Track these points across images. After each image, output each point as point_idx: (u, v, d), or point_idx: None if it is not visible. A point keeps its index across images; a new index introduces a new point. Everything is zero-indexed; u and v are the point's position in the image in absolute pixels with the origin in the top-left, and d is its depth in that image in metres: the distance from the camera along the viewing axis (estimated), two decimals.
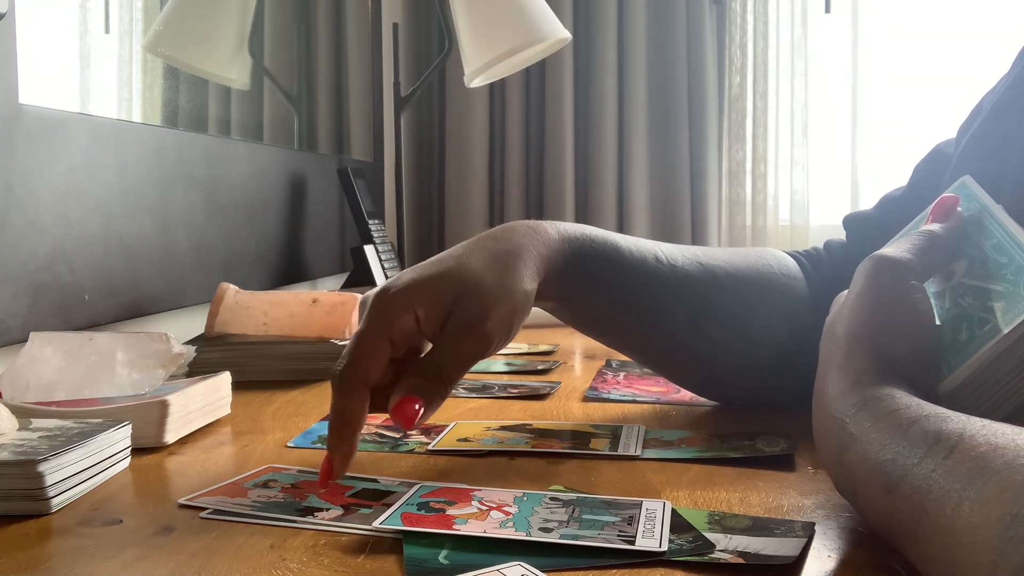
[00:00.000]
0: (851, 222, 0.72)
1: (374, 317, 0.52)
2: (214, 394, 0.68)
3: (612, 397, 0.73)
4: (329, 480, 0.50)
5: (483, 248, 0.57)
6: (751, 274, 0.67)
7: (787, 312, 0.67)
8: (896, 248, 0.46)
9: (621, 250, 0.63)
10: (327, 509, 0.46)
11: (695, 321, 0.65)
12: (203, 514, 0.46)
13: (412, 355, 0.55)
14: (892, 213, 0.68)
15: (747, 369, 0.67)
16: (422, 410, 0.51)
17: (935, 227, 0.47)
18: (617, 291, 0.63)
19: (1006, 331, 0.41)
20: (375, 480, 0.51)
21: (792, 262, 0.71)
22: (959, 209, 0.48)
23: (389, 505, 0.46)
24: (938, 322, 0.45)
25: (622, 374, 0.83)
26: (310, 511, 0.46)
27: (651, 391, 0.76)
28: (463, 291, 0.53)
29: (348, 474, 0.53)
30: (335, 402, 0.50)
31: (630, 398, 0.73)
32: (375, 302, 0.53)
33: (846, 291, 0.47)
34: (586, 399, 0.73)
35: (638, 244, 0.65)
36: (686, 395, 0.74)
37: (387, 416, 0.69)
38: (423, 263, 0.56)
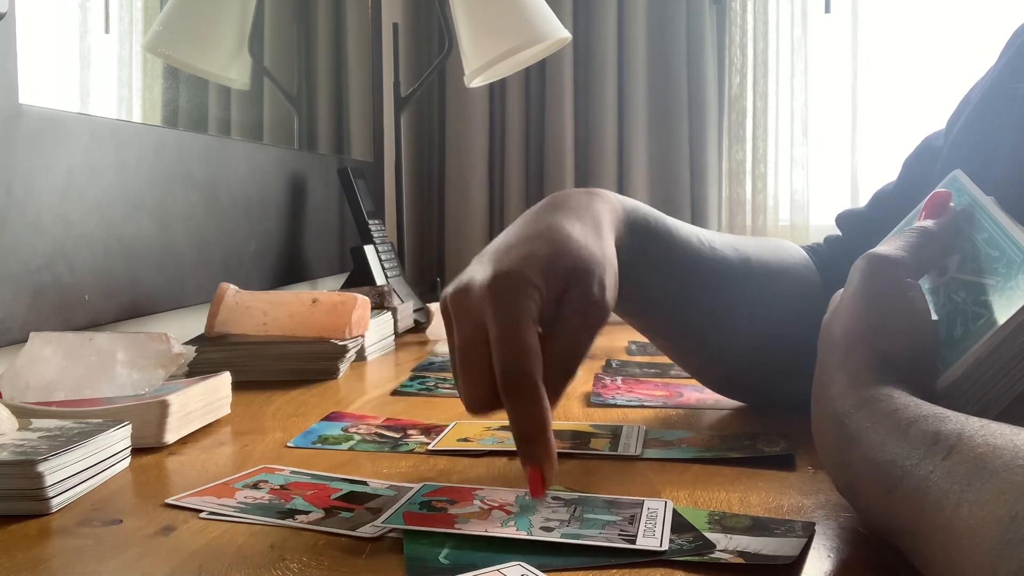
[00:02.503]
0: (844, 220, 0.72)
1: (508, 306, 0.46)
2: (214, 394, 0.68)
3: (619, 403, 0.73)
4: (546, 490, 0.45)
5: (574, 216, 0.53)
6: (778, 265, 0.67)
7: (807, 306, 0.67)
8: (890, 246, 0.46)
9: (671, 229, 0.63)
10: (308, 512, 0.46)
11: (727, 309, 0.65)
12: (203, 514, 0.46)
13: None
14: (884, 209, 0.68)
15: (768, 362, 0.67)
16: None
17: (929, 223, 0.47)
18: (663, 268, 0.63)
19: (1000, 324, 0.41)
20: (365, 483, 0.51)
21: (805, 254, 0.71)
22: (951, 204, 0.48)
23: (372, 510, 0.46)
24: (934, 318, 0.45)
25: (620, 378, 0.83)
26: (292, 513, 0.46)
27: (655, 395, 0.75)
28: (577, 264, 0.49)
29: (340, 476, 0.52)
30: (520, 413, 0.45)
31: (637, 403, 0.73)
32: (499, 290, 0.47)
33: (842, 290, 0.47)
34: (591, 405, 0.73)
35: (683, 225, 0.65)
36: (690, 399, 0.74)
37: (388, 417, 0.69)
38: (512, 242, 0.51)
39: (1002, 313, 0.41)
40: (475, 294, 0.48)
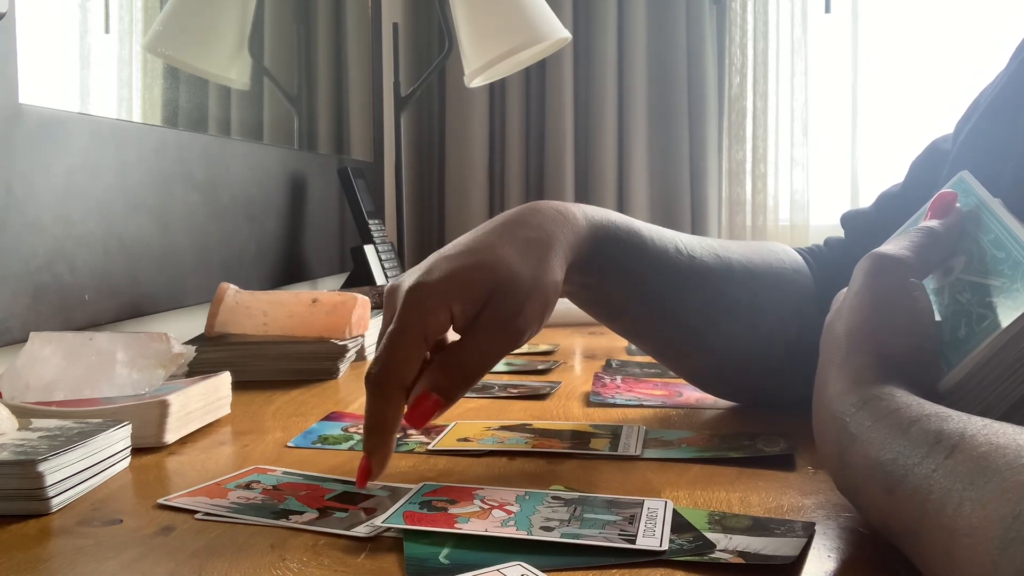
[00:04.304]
0: (849, 220, 0.72)
1: (409, 315, 0.50)
2: (214, 394, 0.68)
3: (617, 402, 0.73)
4: (367, 482, 0.49)
5: (514, 237, 0.55)
6: (764, 269, 0.67)
7: (796, 308, 0.67)
8: (895, 245, 0.45)
9: (644, 239, 0.63)
10: (302, 512, 0.46)
11: (709, 314, 0.65)
12: (198, 515, 0.46)
13: (436, 348, 0.53)
14: (889, 210, 0.68)
15: (755, 365, 0.67)
16: (438, 409, 0.50)
17: (934, 224, 0.47)
18: (636, 280, 0.62)
19: (1004, 326, 0.41)
20: None
21: (799, 258, 0.71)
22: (957, 205, 0.48)
23: (366, 510, 0.46)
24: (938, 318, 0.45)
25: (620, 377, 0.83)
26: (286, 514, 0.46)
27: (654, 395, 0.75)
28: (498, 286, 0.51)
29: (333, 476, 0.52)
30: (371, 406, 0.49)
31: (636, 403, 0.73)
32: (410, 299, 0.50)
33: (845, 289, 0.47)
34: (590, 404, 0.73)
35: (660, 233, 0.64)
36: (690, 398, 0.74)
37: None
38: (451, 252, 0.54)
39: (1006, 315, 0.41)
40: (398, 295, 0.52)
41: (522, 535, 0.41)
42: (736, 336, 0.66)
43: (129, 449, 0.56)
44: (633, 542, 0.41)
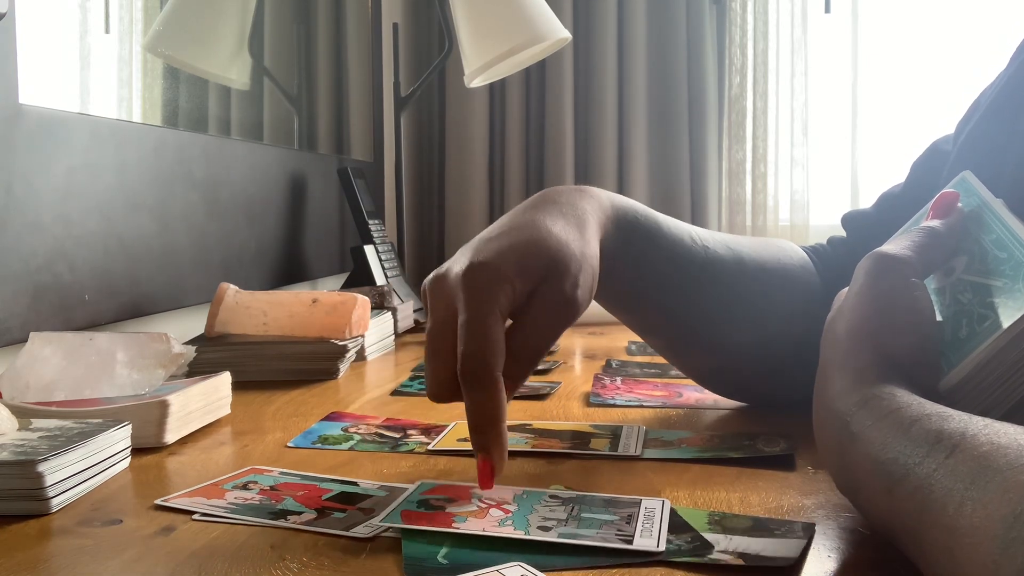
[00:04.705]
0: (850, 221, 0.72)
1: (478, 297, 0.47)
2: (214, 394, 0.68)
3: (617, 403, 0.73)
4: (494, 481, 0.46)
5: (551, 214, 0.54)
6: (774, 265, 0.67)
7: (804, 306, 0.67)
8: (896, 245, 0.45)
9: (661, 226, 0.63)
10: (300, 512, 0.46)
11: (720, 308, 0.65)
12: (196, 515, 0.46)
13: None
14: (890, 211, 0.68)
15: (762, 363, 0.67)
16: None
17: (935, 223, 0.47)
18: (653, 267, 0.63)
19: (1006, 327, 0.41)
20: (355, 484, 0.51)
21: (805, 255, 0.71)
22: (959, 205, 0.48)
23: (364, 510, 0.46)
24: (939, 318, 0.45)
25: (619, 378, 0.83)
26: (284, 514, 0.46)
27: (654, 395, 0.75)
28: (553, 260, 0.50)
29: (330, 476, 0.52)
30: (474, 402, 0.46)
31: (636, 403, 0.73)
32: (471, 280, 0.48)
33: (846, 289, 0.47)
34: (590, 404, 0.73)
35: (675, 223, 0.64)
36: (689, 398, 0.74)
37: (388, 417, 0.69)
38: (495, 234, 0.52)
39: (1008, 316, 0.41)
40: (450, 282, 0.50)
41: (519, 535, 0.41)
42: (744, 332, 0.66)
43: (129, 449, 0.56)
44: (630, 542, 0.41)
